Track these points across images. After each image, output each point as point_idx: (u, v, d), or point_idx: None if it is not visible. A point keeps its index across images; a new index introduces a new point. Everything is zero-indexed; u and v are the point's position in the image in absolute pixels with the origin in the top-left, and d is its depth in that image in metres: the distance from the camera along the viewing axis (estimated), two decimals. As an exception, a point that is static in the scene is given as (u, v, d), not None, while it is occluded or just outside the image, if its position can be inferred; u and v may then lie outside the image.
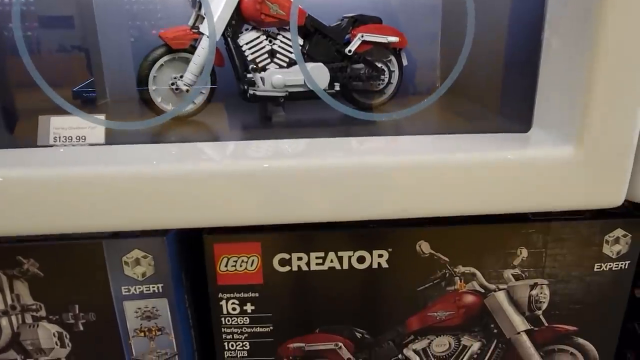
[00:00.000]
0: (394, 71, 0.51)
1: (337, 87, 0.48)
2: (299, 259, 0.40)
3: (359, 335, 0.43)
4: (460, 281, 0.42)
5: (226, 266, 0.40)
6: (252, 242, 0.40)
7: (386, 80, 0.51)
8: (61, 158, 0.35)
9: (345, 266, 0.41)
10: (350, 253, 0.41)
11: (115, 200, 0.32)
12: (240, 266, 0.40)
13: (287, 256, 0.40)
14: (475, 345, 0.45)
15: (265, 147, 0.37)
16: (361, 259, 0.41)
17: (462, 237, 0.41)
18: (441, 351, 0.45)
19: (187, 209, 0.34)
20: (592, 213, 0.42)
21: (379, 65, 0.50)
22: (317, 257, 0.40)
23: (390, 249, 0.41)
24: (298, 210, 0.34)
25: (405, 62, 0.51)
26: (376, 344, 0.44)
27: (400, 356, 0.44)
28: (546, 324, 0.44)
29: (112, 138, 0.38)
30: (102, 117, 0.38)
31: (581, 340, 0.45)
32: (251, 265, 0.40)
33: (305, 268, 0.41)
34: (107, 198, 0.32)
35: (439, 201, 0.30)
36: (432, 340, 0.44)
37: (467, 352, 0.45)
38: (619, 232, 0.41)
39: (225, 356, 0.43)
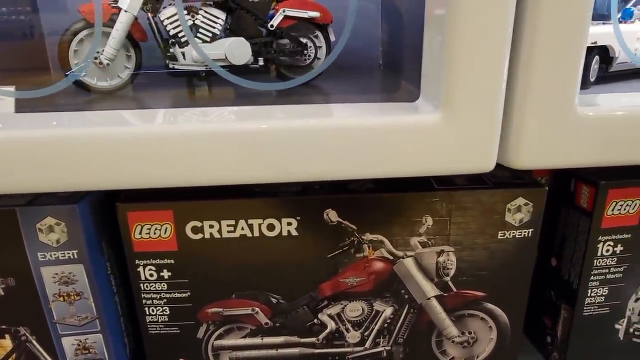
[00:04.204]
0: (320, 47, 0.52)
1: (260, 61, 0.49)
2: (211, 226, 0.42)
3: (274, 300, 0.45)
4: (369, 248, 0.44)
5: (140, 233, 0.42)
6: (165, 210, 0.41)
7: (312, 55, 0.52)
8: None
9: (256, 234, 0.42)
10: (260, 221, 0.42)
11: (27, 163, 0.32)
12: (155, 233, 0.42)
13: (199, 224, 0.42)
14: (388, 311, 0.46)
15: (181, 114, 0.38)
16: (271, 227, 0.42)
17: (368, 205, 0.42)
18: (355, 316, 0.46)
19: (100, 171, 0.34)
20: (495, 182, 0.44)
21: (304, 40, 0.51)
22: (228, 225, 0.42)
23: (298, 217, 0.42)
24: (206, 173, 0.35)
25: (332, 38, 0.52)
26: (291, 309, 0.46)
27: (315, 321, 0.46)
28: (455, 290, 0.46)
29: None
30: (11, 88, 0.39)
31: (490, 306, 0.47)
32: (165, 233, 0.42)
33: (217, 235, 0.42)
34: (20, 161, 0.32)
35: (319, 165, 0.31)
36: (345, 306, 0.46)
37: (380, 317, 0.47)
38: (520, 200, 0.43)
39: (147, 321, 0.45)
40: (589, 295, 0.48)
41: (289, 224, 0.42)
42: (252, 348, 0.47)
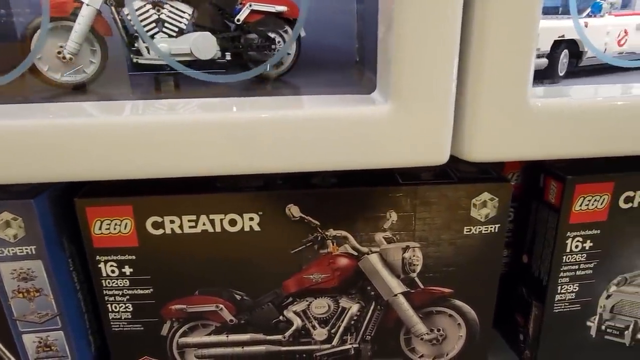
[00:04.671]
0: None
1: (227, 56, 0.49)
2: (172, 221, 0.42)
3: (238, 297, 0.45)
4: (333, 244, 0.43)
5: (100, 229, 0.41)
6: (124, 206, 0.41)
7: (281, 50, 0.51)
8: None
9: (218, 229, 0.42)
10: (222, 216, 0.42)
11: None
12: (115, 229, 0.41)
13: (159, 219, 0.41)
14: (355, 307, 0.46)
15: (144, 106, 0.38)
16: (233, 222, 0.42)
17: (331, 200, 0.42)
18: (321, 313, 0.46)
19: (59, 163, 0.33)
20: (460, 177, 0.44)
21: (272, 35, 0.50)
22: (189, 220, 0.42)
23: (260, 213, 0.42)
24: (165, 165, 0.34)
25: (302, 33, 0.52)
26: (256, 306, 0.45)
27: (281, 318, 0.46)
28: (422, 286, 0.45)
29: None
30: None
31: (458, 302, 0.46)
32: (125, 228, 0.41)
33: (178, 231, 0.42)
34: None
35: (267, 156, 0.31)
36: (311, 303, 0.45)
37: (346, 314, 0.46)
38: (485, 195, 0.43)
39: (110, 318, 0.45)
40: (558, 292, 0.47)
41: (251, 219, 0.42)
42: (218, 346, 0.46)
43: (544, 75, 0.45)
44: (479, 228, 0.43)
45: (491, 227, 0.44)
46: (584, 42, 0.40)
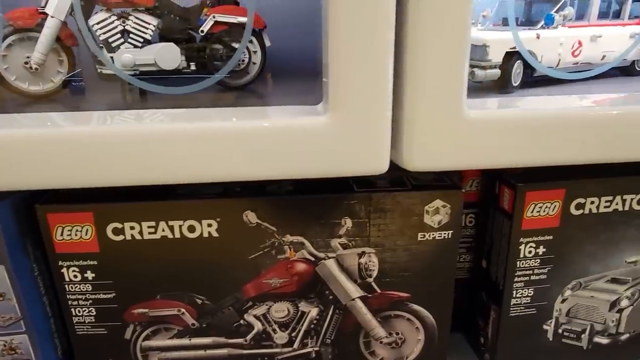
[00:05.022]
0: (255, 52, 0.53)
1: (192, 66, 0.50)
2: (132, 228, 0.43)
3: (199, 301, 0.46)
4: (290, 250, 0.44)
5: (62, 235, 0.42)
6: (85, 212, 0.42)
7: (247, 60, 0.53)
8: None
9: (177, 235, 0.43)
10: (181, 222, 0.43)
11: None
12: (76, 235, 0.42)
13: (119, 225, 0.42)
14: (314, 311, 0.47)
15: (106, 116, 0.39)
16: (191, 228, 0.43)
17: (287, 207, 0.43)
18: (281, 317, 0.47)
19: (22, 172, 0.35)
20: (414, 185, 0.45)
21: (237, 45, 0.52)
22: (149, 227, 0.43)
23: (218, 219, 0.43)
24: (117, 174, 0.35)
25: (268, 43, 0.53)
26: (217, 310, 0.46)
27: (242, 321, 0.47)
28: (379, 291, 0.46)
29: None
30: None
31: (416, 307, 0.48)
32: (86, 234, 0.43)
33: (138, 237, 0.43)
34: None
35: (210, 166, 0.32)
36: (270, 307, 0.47)
37: (306, 318, 0.47)
38: (438, 202, 0.44)
39: (74, 321, 0.46)
40: (514, 296, 0.49)
41: (210, 225, 0.43)
42: (181, 349, 0.47)
43: (498, 86, 0.47)
44: (433, 234, 0.45)
45: (444, 234, 0.45)
46: (522, 52, 0.42)
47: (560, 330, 0.51)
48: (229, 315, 0.46)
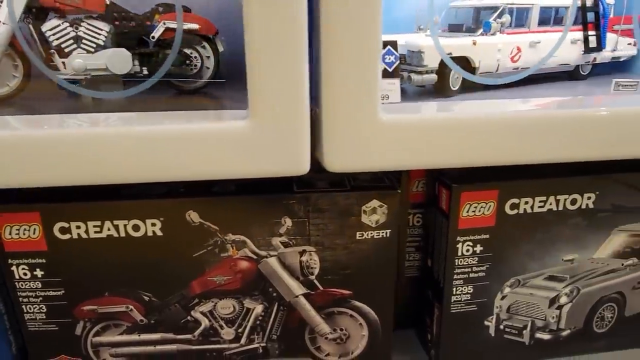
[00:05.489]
0: (208, 57, 0.55)
1: (145, 71, 0.51)
2: (78, 227, 0.44)
3: (146, 298, 0.47)
4: (233, 248, 0.46)
5: (10, 234, 0.44)
6: (31, 212, 0.43)
7: (199, 65, 0.54)
8: None
9: (122, 234, 0.45)
10: (125, 222, 0.44)
11: None
12: (24, 234, 0.44)
13: (66, 225, 0.44)
14: (259, 308, 0.49)
15: (54, 119, 0.40)
16: (136, 227, 0.45)
17: (228, 207, 0.45)
18: (227, 313, 0.49)
19: None
20: (353, 186, 0.46)
21: (189, 51, 0.53)
22: (94, 226, 0.44)
23: (162, 218, 0.44)
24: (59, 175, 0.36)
25: (221, 49, 0.55)
26: (164, 307, 0.48)
27: (189, 318, 0.48)
28: (321, 288, 0.48)
29: None
30: None
31: (358, 304, 0.49)
32: (34, 233, 0.44)
33: (85, 236, 0.44)
34: None
35: (148, 167, 0.34)
36: (216, 303, 0.48)
37: (251, 314, 0.49)
38: (375, 202, 0.45)
39: (26, 318, 0.47)
40: (454, 293, 0.50)
41: (153, 224, 0.45)
42: (131, 345, 0.49)
43: (437, 90, 0.49)
44: (371, 233, 0.46)
45: (382, 233, 0.46)
46: (443, 58, 0.44)
47: (501, 326, 0.53)
48: (176, 311, 0.48)
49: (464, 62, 0.49)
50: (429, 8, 0.53)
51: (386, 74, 0.44)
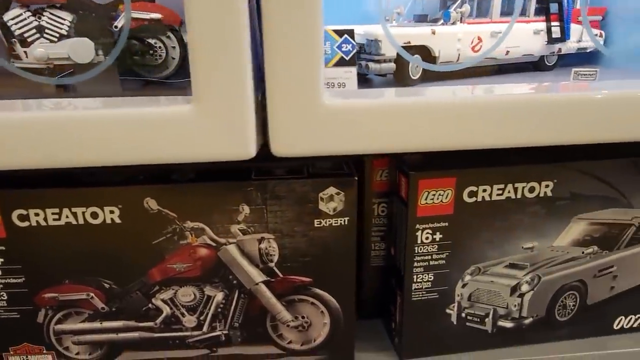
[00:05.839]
0: (174, 47, 0.55)
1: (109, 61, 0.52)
2: (36, 214, 0.44)
3: (107, 285, 0.48)
4: (192, 235, 0.46)
5: (-31, 221, 0.44)
6: (-11, 199, 0.44)
7: (164, 55, 0.55)
8: None
9: (81, 221, 0.45)
10: (84, 209, 0.45)
11: None
12: (-18, 221, 0.44)
13: (24, 212, 0.44)
14: (219, 296, 0.49)
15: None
16: (94, 215, 0.45)
17: (186, 194, 0.45)
18: (188, 301, 0.49)
19: None
20: (311, 173, 0.47)
21: (153, 41, 0.54)
22: (53, 213, 0.45)
23: (120, 206, 0.45)
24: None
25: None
26: (125, 294, 0.48)
27: (150, 305, 0.49)
28: (281, 276, 0.49)
29: None
30: None
31: (319, 291, 0.50)
32: (-8, 220, 0.44)
33: (43, 223, 0.45)
34: None
35: (97, 152, 0.34)
36: (177, 291, 0.48)
37: (212, 302, 0.49)
38: (332, 190, 0.46)
39: (-13, 305, 0.48)
40: (415, 280, 0.51)
41: (112, 212, 0.45)
42: (93, 332, 0.49)
43: (396, 79, 0.49)
44: (329, 221, 0.47)
45: (341, 220, 0.47)
46: (395, 47, 0.44)
47: (463, 314, 0.53)
48: (137, 299, 0.48)
49: (425, 52, 0.50)
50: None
51: (343, 63, 0.45)
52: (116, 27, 0.52)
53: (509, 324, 0.54)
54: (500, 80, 0.53)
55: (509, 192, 0.49)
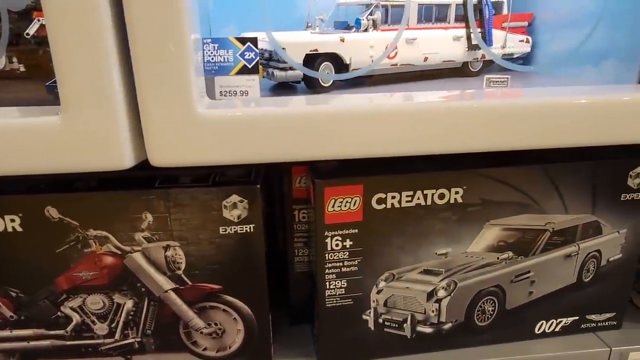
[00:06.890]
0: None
1: (22, 68, 0.52)
2: (-64, 223, 0.44)
3: (13, 294, 0.48)
4: (96, 244, 0.46)
5: None
6: None
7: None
8: None
9: (-18, 230, 0.45)
10: (-16, 218, 0.45)
11: None
12: None
13: None
14: (129, 303, 0.49)
15: None
16: (-5, 223, 0.45)
17: (88, 202, 0.45)
18: (97, 309, 0.49)
19: None
20: (216, 181, 0.47)
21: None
22: (-47, 222, 0.44)
23: (20, 214, 0.45)
24: None
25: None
26: (32, 302, 0.48)
27: (59, 313, 0.49)
28: (190, 283, 0.49)
29: None
30: None
31: (230, 298, 0.50)
32: None
33: (-56, 232, 0.45)
34: None
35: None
36: (85, 299, 0.48)
37: (122, 309, 0.49)
38: (235, 197, 0.46)
39: None
40: (327, 287, 0.51)
41: (12, 220, 0.45)
42: (3, 340, 0.49)
43: (308, 86, 0.49)
44: (234, 228, 0.47)
45: (246, 227, 0.47)
46: (278, 52, 0.44)
47: (380, 320, 0.53)
48: (45, 307, 0.48)
49: (336, 59, 0.50)
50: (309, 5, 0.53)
51: (246, 71, 0.45)
52: (27, 34, 0.52)
53: (428, 329, 0.55)
54: (414, 88, 0.53)
55: (418, 198, 0.49)
